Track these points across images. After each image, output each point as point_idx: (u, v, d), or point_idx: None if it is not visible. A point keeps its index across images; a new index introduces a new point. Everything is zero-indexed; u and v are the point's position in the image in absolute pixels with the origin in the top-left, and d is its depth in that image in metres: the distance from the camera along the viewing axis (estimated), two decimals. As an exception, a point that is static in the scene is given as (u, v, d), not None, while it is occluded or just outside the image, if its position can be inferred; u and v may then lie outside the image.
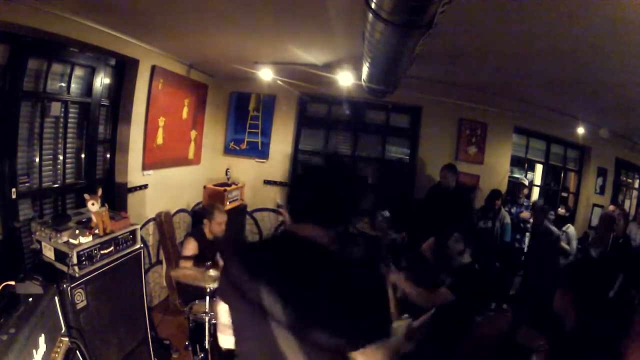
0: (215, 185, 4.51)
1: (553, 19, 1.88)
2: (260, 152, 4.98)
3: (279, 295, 0.90)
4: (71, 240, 2.09)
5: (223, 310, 1.10)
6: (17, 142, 2.47)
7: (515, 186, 4.68)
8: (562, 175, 5.58)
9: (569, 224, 4.33)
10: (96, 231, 2.23)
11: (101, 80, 3.10)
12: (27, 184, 2.58)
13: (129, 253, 2.44)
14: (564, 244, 4.22)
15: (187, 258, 2.87)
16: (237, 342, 1.07)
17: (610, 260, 3.80)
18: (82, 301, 2.05)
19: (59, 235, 2.08)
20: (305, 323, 0.86)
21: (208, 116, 4.71)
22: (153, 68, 3.46)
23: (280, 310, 0.88)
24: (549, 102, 3.91)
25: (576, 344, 1.65)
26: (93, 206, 2.21)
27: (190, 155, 4.44)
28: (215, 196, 4.35)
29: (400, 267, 3.03)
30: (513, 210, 4.47)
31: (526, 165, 5.34)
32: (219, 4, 2.25)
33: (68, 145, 2.94)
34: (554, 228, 4.00)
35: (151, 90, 3.49)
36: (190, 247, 2.93)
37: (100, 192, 2.28)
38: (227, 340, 1.13)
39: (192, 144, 4.44)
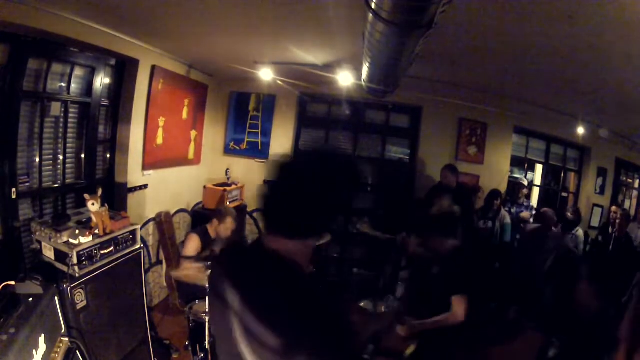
0: (215, 185, 4.51)
1: (553, 19, 1.88)
2: (260, 152, 4.97)
3: (240, 301, 0.86)
4: (71, 240, 2.09)
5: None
6: (17, 142, 2.47)
7: (515, 186, 4.68)
8: (562, 175, 5.58)
9: (578, 227, 4.34)
10: (96, 231, 2.23)
11: (101, 80, 3.10)
12: (27, 184, 2.57)
13: (129, 253, 2.44)
14: (571, 247, 4.23)
15: (189, 258, 2.87)
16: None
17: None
18: (82, 301, 2.05)
19: (59, 235, 2.08)
20: (258, 333, 0.82)
21: (208, 116, 4.71)
22: (153, 68, 3.46)
23: (239, 316, 0.85)
24: (549, 102, 3.91)
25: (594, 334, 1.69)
26: (93, 206, 2.21)
27: (190, 155, 4.44)
28: (215, 196, 4.35)
29: (399, 266, 3.04)
30: (513, 210, 4.47)
31: (526, 165, 5.34)
32: (218, 4, 2.25)
33: (68, 145, 2.94)
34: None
35: (151, 90, 3.48)
36: (193, 246, 2.93)
37: (100, 192, 2.28)
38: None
39: (192, 144, 4.44)
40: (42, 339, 1.67)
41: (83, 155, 3.08)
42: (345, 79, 3.60)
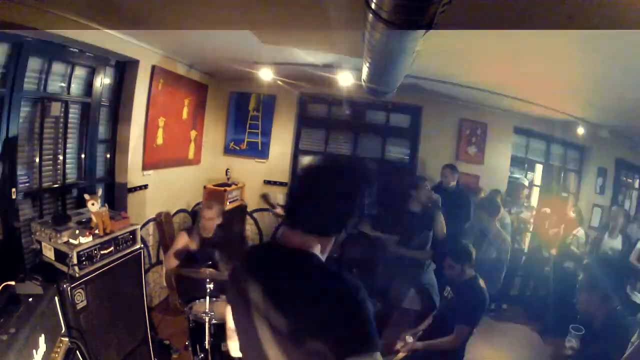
0: (215, 185, 4.51)
1: (553, 19, 1.88)
2: (260, 152, 4.97)
3: (263, 300, 0.92)
4: (71, 240, 2.09)
5: (228, 313, 1.11)
6: (17, 142, 2.47)
7: (515, 186, 4.68)
8: (562, 175, 5.58)
9: (579, 227, 4.33)
10: (96, 231, 2.23)
11: (101, 80, 3.09)
12: (27, 184, 2.58)
13: (129, 253, 2.44)
14: (573, 248, 4.22)
15: (177, 252, 2.88)
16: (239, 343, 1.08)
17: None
18: (82, 301, 2.05)
19: (59, 235, 2.08)
20: (286, 330, 0.87)
21: (208, 116, 4.71)
22: (153, 68, 3.46)
23: (264, 315, 0.91)
24: (549, 102, 3.91)
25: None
26: (93, 206, 2.21)
27: (190, 155, 4.44)
28: (215, 196, 4.35)
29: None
30: (513, 210, 4.47)
31: (526, 165, 5.34)
32: (219, 3, 2.25)
33: (68, 145, 2.93)
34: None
35: (151, 90, 3.48)
36: (179, 242, 2.93)
37: (100, 192, 2.28)
38: (234, 347, 1.12)
39: (192, 144, 4.44)
40: (42, 339, 1.67)
41: (83, 155, 3.08)
42: (345, 79, 3.60)
